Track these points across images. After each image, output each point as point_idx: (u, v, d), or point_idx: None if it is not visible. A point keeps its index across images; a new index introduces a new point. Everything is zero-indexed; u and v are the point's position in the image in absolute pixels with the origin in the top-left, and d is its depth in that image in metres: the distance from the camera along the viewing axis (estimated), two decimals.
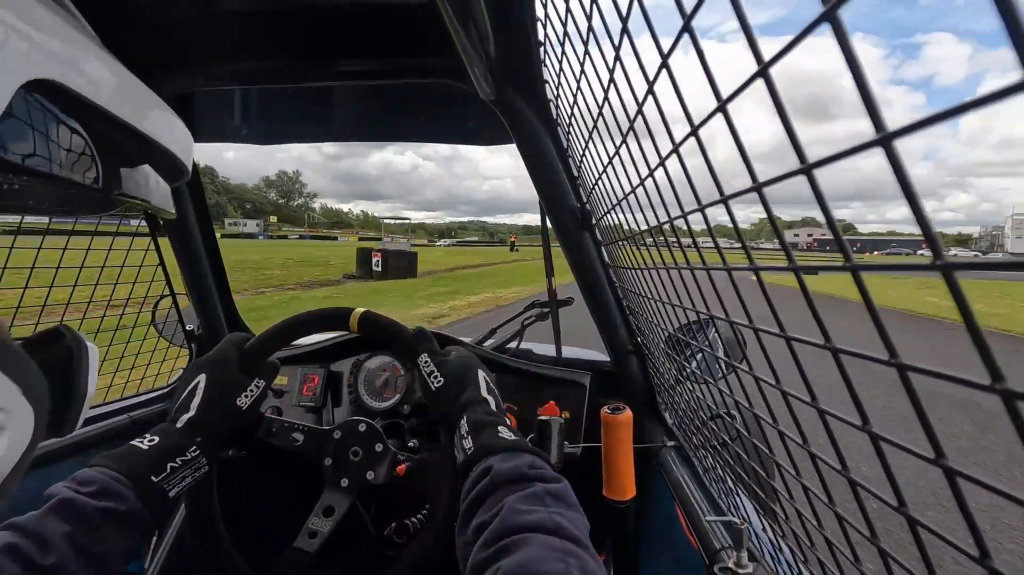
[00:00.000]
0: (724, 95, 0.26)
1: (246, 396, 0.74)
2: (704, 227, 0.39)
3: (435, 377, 0.73)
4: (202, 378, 0.72)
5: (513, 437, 0.60)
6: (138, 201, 0.35)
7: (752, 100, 0.29)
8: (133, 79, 0.31)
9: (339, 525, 0.76)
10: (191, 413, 0.68)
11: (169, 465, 0.61)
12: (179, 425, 0.67)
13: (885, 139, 0.16)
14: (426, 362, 0.74)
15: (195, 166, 1.09)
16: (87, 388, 0.34)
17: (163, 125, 0.34)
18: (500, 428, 0.61)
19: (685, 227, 0.42)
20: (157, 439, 0.63)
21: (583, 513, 0.49)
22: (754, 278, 0.33)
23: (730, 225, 0.33)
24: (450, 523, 0.71)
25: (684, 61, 0.34)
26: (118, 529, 0.53)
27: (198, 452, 0.65)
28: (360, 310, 0.80)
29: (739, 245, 0.34)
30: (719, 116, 0.27)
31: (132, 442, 0.63)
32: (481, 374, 0.73)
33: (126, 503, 0.55)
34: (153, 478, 0.59)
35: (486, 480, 0.52)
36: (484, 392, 0.70)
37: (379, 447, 0.80)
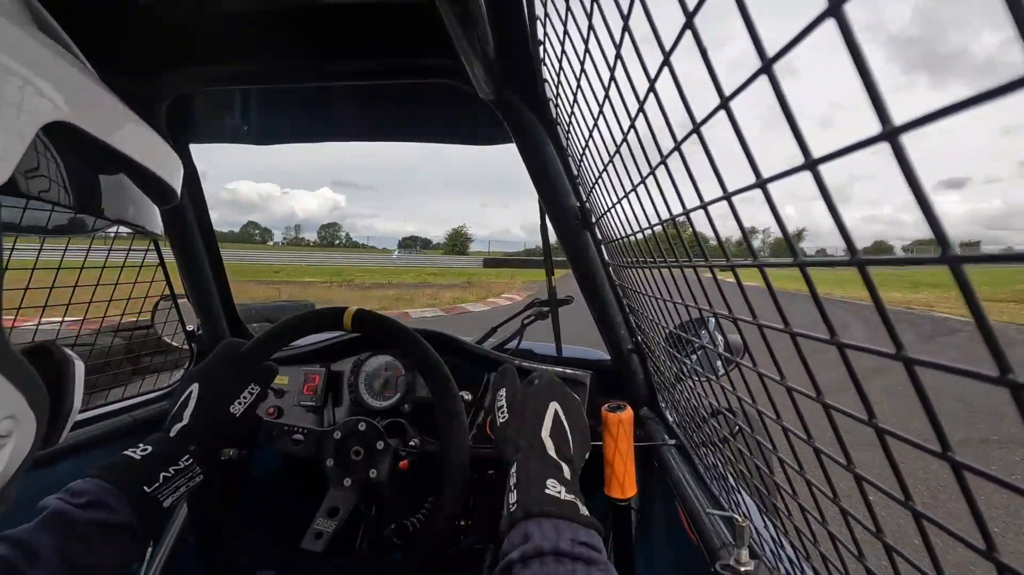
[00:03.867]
0: (727, 92, 0.26)
1: (239, 403, 0.74)
2: (705, 225, 0.39)
3: (502, 412, 0.69)
4: (195, 387, 0.73)
5: (563, 495, 0.54)
6: (135, 227, 0.36)
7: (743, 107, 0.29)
8: (127, 110, 0.32)
9: (344, 524, 0.76)
10: (183, 422, 0.69)
11: (162, 475, 0.62)
12: (172, 434, 0.67)
13: (891, 134, 0.16)
14: (500, 395, 0.71)
15: (194, 168, 1.08)
16: (74, 403, 0.35)
17: (157, 154, 0.35)
18: (549, 482, 0.55)
19: (687, 224, 0.42)
20: (150, 449, 0.64)
21: None
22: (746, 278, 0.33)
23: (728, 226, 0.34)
24: (450, 523, 0.71)
25: (686, 59, 0.34)
26: (108, 540, 0.53)
27: (191, 461, 0.65)
28: (353, 308, 0.80)
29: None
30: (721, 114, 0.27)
31: (126, 452, 0.63)
32: (552, 408, 0.66)
33: (117, 514, 0.55)
34: (146, 488, 0.59)
35: (524, 548, 0.47)
36: (546, 433, 0.63)
37: (380, 445, 0.80)
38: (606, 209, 0.70)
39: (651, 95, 0.37)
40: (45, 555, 0.48)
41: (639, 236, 0.58)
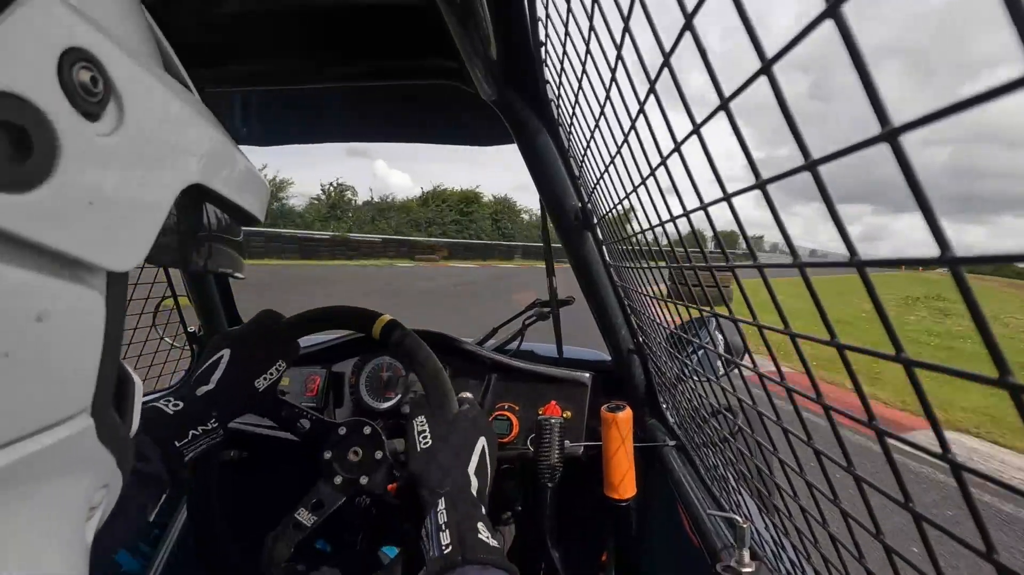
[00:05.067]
0: (727, 93, 0.26)
1: (265, 378, 0.74)
2: (705, 225, 0.39)
3: (424, 437, 0.65)
4: (226, 353, 0.72)
5: (490, 540, 0.54)
6: (230, 273, 0.37)
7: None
8: (238, 152, 0.33)
9: (325, 522, 0.76)
10: (210, 386, 0.68)
11: (191, 432, 0.63)
12: (199, 394, 0.68)
13: (891, 134, 0.16)
14: (421, 420, 0.68)
15: None
16: (133, 426, 0.33)
17: (260, 192, 0.36)
18: (479, 525, 0.55)
19: (687, 225, 0.42)
20: (181, 405, 0.64)
21: None
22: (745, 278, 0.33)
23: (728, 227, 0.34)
24: None
25: (686, 60, 0.34)
26: (140, 488, 0.55)
27: (216, 424, 0.66)
28: (386, 318, 0.79)
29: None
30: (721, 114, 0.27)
31: (156, 404, 0.63)
32: (480, 444, 0.66)
33: (150, 463, 0.56)
34: (176, 443, 0.60)
35: None
36: (472, 469, 0.63)
37: (379, 455, 0.79)
38: (607, 209, 0.70)
39: (651, 96, 0.37)
40: None
41: (640, 237, 0.59)
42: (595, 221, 0.88)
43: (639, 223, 0.55)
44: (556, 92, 0.71)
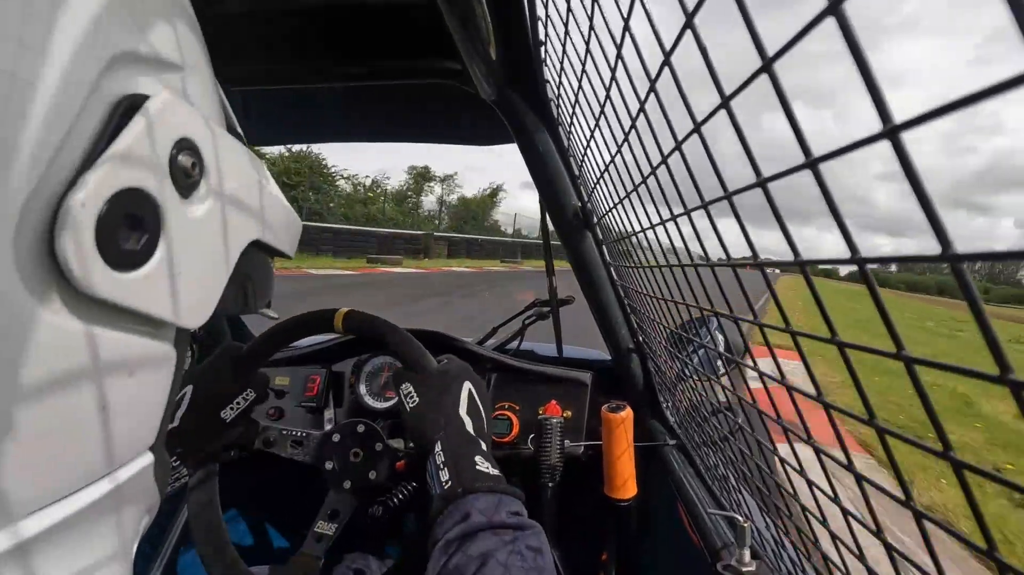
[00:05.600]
0: (727, 91, 0.26)
1: (232, 408, 0.74)
2: (705, 224, 0.39)
3: (411, 398, 0.66)
4: (188, 390, 0.73)
5: (491, 470, 0.56)
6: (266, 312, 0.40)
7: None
8: (281, 198, 0.34)
9: (345, 527, 0.76)
10: (173, 423, 0.69)
11: None
12: None
13: (892, 131, 0.16)
14: (406, 386, 0.68)
15: None
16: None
17: (295, 231, 0.37)
18: (477, 458, 0.57)
19: (687, 224, 0.42)
20: None
21: (552, 562, 0.49)
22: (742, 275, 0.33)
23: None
24: None
25: (687, 59, 0.34)
26: None
27: (178, 463, 0.66)
28: (344, 310, 0.79)
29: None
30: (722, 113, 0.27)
31: None
32: (466, 388, 0.67)
33: None
34: None
35: (465, 524, 0.50)
36: (463, 410, 0.64)
37: (379, 446, 0.80)
38: (607, 209, 0.70)
39: (652, 95, 0.37)
40: None
41: (640, 236, 0.59)
42: (595, 220, 0.88)
43: (639, 222, 0.55)
44: (556, 91, 0.71)
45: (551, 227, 0.96)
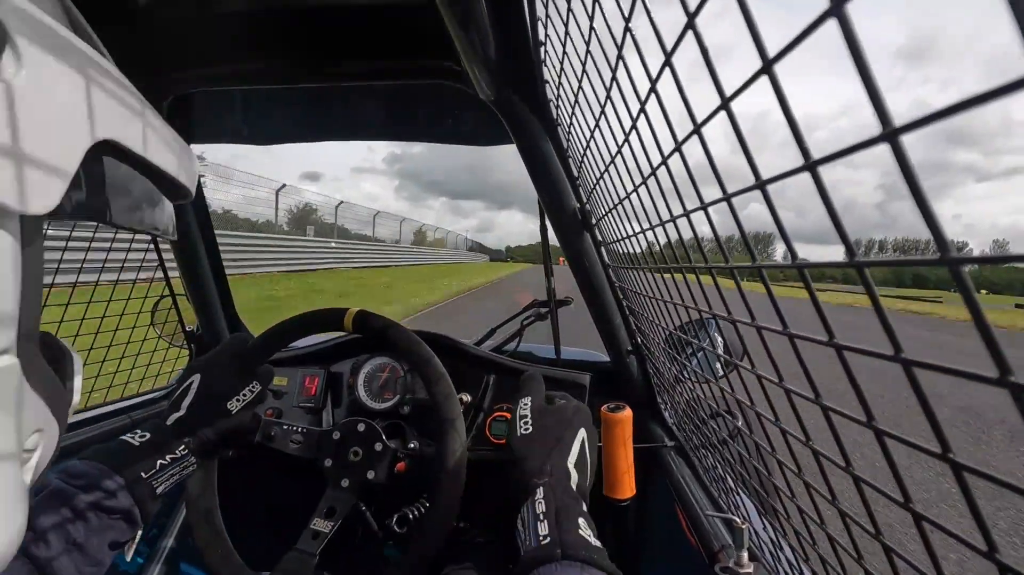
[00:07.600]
0: (727, 92, 0.26)
1: (238, 400, 0.74)
2: (705, 226, 0.39)
3: (526, 423, 0.65)
4: (196, 379, 0.73)
5: (592, 539, 0.52)
6: (154, 231, 0.35)
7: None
8: (156, 116, 0.32)
9: (342, 525, 0.76)
10: (180, 412, 0.69)
11: (159, 462, 0.62)
12: (169, 423, 0.68)
13: (891, 135, 0.16)
14: (524, 404, 0.68)
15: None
16: (73, 399, 0.33)
17: (180, 158, 0.35)
18: (581, 521, 0.53)
19: (687, 226, 0.42)
20: (148, 436, 0.64)
21: None
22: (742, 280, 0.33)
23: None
24: (444, 530, 0.71)
25: (687, 60, 0.34)
26: (107, 522, 0.54)
27: (186, 451, 0.66)
28: (354, 309, 0.80)
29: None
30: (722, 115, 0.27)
31: (123, 437, 0.63)
32: (580, 437, 0.65)
33: (115, 498, 0.55)
34: (143, 474, 0.60)
35: None
36: (571, 462, 0.61)
37: (379, 446, 0.80)
38: (607, 210, 0.70)
39: (652, 96, 0.37)
40: (47, 532, 0.48)
41: (640, 238, 0.58)
42: (594, 222, 0.88)
43: (639, 224, 0.55)
44: (555, 92, 0.71)
45: (550, 228, 0.96)
